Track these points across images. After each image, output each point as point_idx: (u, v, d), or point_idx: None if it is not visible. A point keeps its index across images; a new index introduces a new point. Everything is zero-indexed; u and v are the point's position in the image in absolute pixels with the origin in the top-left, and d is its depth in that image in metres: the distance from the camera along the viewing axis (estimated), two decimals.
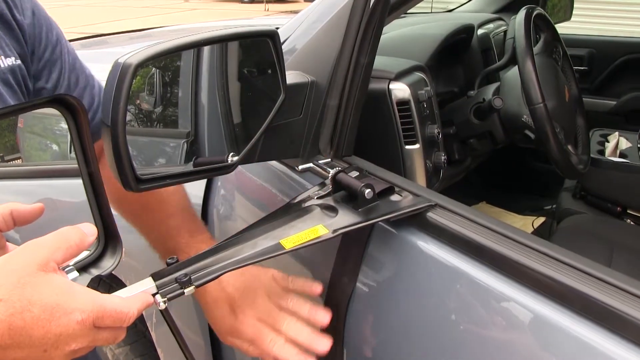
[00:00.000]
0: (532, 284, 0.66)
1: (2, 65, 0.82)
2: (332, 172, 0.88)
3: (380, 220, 0.81)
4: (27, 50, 0.89)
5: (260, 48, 0.95)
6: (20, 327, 0.54)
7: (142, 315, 1.55)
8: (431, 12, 2.70)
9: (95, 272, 0.69)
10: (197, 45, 0.87)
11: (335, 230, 0.78)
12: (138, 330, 1.69)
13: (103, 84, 0.93)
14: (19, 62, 0.85)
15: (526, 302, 0.67)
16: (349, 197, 0.85)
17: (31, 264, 0.56)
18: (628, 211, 1.92)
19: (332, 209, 0.84)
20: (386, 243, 0.85)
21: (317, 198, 0.87)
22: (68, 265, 0.65)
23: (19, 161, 0.90)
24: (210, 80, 0.96)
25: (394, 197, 0.85)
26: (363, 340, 0.90)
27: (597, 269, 0.65)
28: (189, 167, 0.93)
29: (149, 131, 0.93)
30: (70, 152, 0.90)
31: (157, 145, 0.95)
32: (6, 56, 0.83)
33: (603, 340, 0.60)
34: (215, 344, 1.37)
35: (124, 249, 0.72)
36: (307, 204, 0.86)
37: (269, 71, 0.96)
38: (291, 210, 0.85)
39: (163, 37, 0.80)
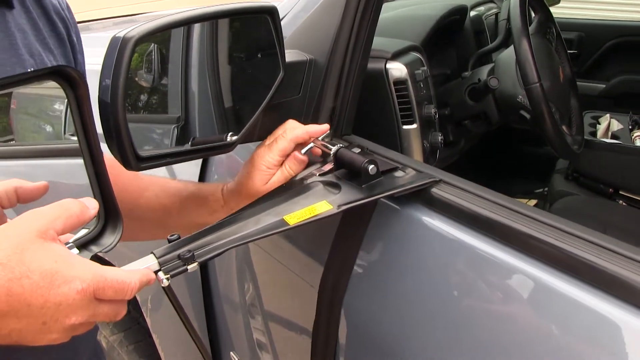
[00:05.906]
0: (543, 257, 0.66)
1: None
2: (334, 148, 0.87)
3: (384, 196, 0.80)
4: None
5: (257, 26, 0.94)
6: (18, 294, 0.53)
7: (136, 301, 1.54)
8: None
9: (95, 249, 0.67)
10: (196, 21, 0.86)
11: (339, 206, 0.77)
12: (132, 317, 1.68)
13: (86, 67, 0.92)
14: None
15: (537, 274, 0.66)
16: (351, 173, 0.84)
17: (31, 231, 0.55)
18: (620, 192, 1.93)
19: (335, 186, 0.83)
20: (389, 219, 0.84)
21: (319, 175, 0.86)
22: (67, 242, 0.64)
23: (13, 142, 0.89)
24: (209, 60, 0.94)
25: (398, 174, 0.85)
26: (361, 319, 0.89)
27: (604, 240, 0.65)
28: (188, 146, 0.92)
29: (145, 115, 0.92)
30: (65, 133, 0.88)
31: (153, 126, 0.93)
32: None
33: (613, 308, 0.60)
34: (211, 328, 1.36)
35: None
36: (309, 181, 0.85)
37: (267, 49, 0.94)
38: (293, 187, 0.84)
39: None
